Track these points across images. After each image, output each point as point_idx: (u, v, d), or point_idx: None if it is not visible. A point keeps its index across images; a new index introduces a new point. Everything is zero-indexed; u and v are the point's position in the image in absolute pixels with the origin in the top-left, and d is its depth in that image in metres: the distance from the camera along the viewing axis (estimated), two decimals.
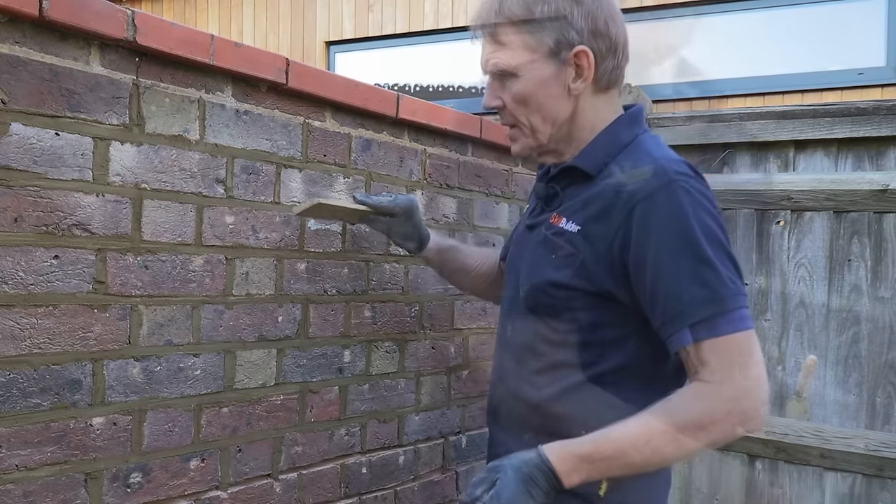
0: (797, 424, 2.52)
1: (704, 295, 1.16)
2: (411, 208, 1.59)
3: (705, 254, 1.17)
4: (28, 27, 1.15)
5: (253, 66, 1.44)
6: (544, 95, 1.30)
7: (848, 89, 4.52)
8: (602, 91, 1.34)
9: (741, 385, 1.14)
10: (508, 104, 1.33)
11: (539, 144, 1.36)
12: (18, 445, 1.15)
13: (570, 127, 1.34)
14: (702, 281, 1.16)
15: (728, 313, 1.16)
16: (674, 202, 1.19)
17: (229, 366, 1.45)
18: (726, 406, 1.14)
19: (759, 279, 2.63)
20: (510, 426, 1.39)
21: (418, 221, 1.62)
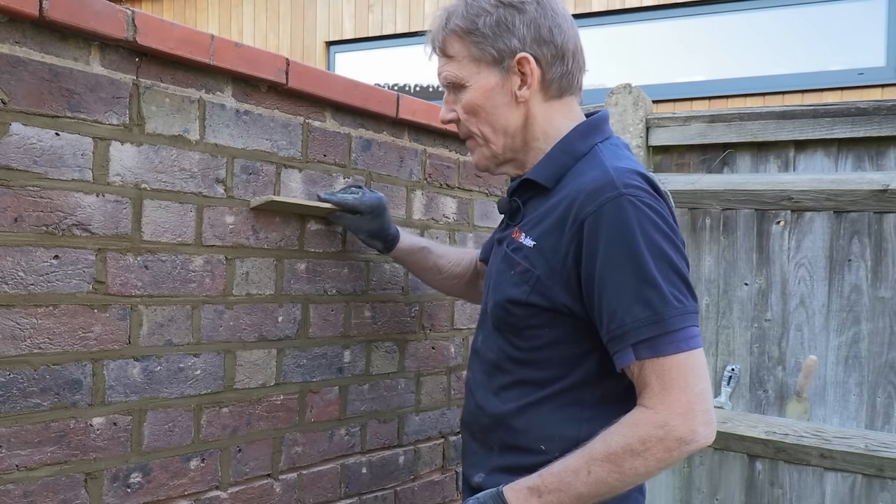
0: (797, 424, 2.52)
1: (647, 315, 1.14)
2: (379, 206, 1.56)
3: (649, 272, 1.15)
4: (28, 27, 1.15)
5: (253, 66, 1.44)
6: (492, 105, 1.32)
7: (848, 89, 4.52)
8: (554, 98, 1.34)
9: (675, 409, 1.13)
10: (461, 116, 1.35)
11: (494, 154, 1.37)
12: (18, 445, 1.15)
13: (523, 136, 1.34)
14: (644, 301, 1.15)
15: (671, 334, 1.14)
16: (620, 217, 1.17)
17: (229, 366, 1.45)
18: (658, 432, 1.13)
19: (759, 279, 2.63)
20: (477, 438, 1.39)
21: (386, 220, 1.59)
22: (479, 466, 1.37)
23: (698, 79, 5.02)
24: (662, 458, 1.14)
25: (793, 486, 2.54)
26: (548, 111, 1.34)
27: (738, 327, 2.67)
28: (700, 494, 2.72)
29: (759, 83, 4.76)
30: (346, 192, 1.57)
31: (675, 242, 1.19)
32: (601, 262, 1.18)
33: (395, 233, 1.62)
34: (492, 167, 1.41)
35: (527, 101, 1.32)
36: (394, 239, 1.62)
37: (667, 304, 1.14)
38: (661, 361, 1.14)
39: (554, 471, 1.19)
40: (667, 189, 2.71)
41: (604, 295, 1.18)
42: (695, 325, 1.17)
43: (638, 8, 5.14)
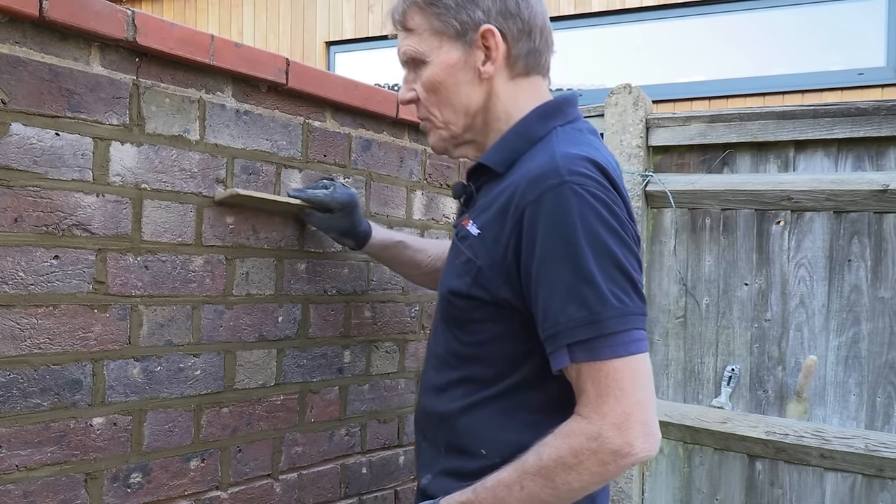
0: (797, 424, 2.52)
1: (582, 316, 1.05)
2: (350, 204, 1.49)
3: (587, 268, 1.06)
4: (28, 27, 1.15)
5: (253, 66, 1.44)
6: (454, 82, 1.23)
7: (848, 89, 4.52)
8: (520, 76, 1.25)
9: (610, 419, 1.04)
10: (421, 95, 1.27)
11: (453, 136, 1.28)
12: (18, 445, 1.15)
13: (485, 116, 1.26)
14: (580, 299, 1.06)
15: (608, 337, 1.05)
16: (561, 206, 1.08)
17: (229, 366, 1.45)
18: (591, 444, 1.04)
19: (759, 279, 2.63)
20: (427, 437, 1.32)
21: (358, 217, 1.52)
22: (428, 468, 1.30)
23: (698, 79, 5.02)
24: (597, 472, 1.05)
25: (793, 486, 2.54)
26: (512, 91, 1.25)
27: (738, 327, 2.67)
28: (700, 494, 2.72)
29: (759, 83, 4.76)
30: (317, 187, 1.50)
31: (622, 237, 1.09)
32: (538, 256, 1.09)
33: (367, 228, 1.55)
34: (450, 149, 1.32)
35: (490, 79, 1.23)
36: (366, 235, 1.55)
37: (604, 304, 1.05)
38: (597, 366, 1.05)
39: (488, 485, 1.12)
40: (664, 187, 2.72)
41: (539, 291, 1.10)
42: (638, 327, 1.07)
43: (638, 8, 5.14)
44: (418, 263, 1.61)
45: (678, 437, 2.76)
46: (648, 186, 2.81)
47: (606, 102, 2.90)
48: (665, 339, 2.82)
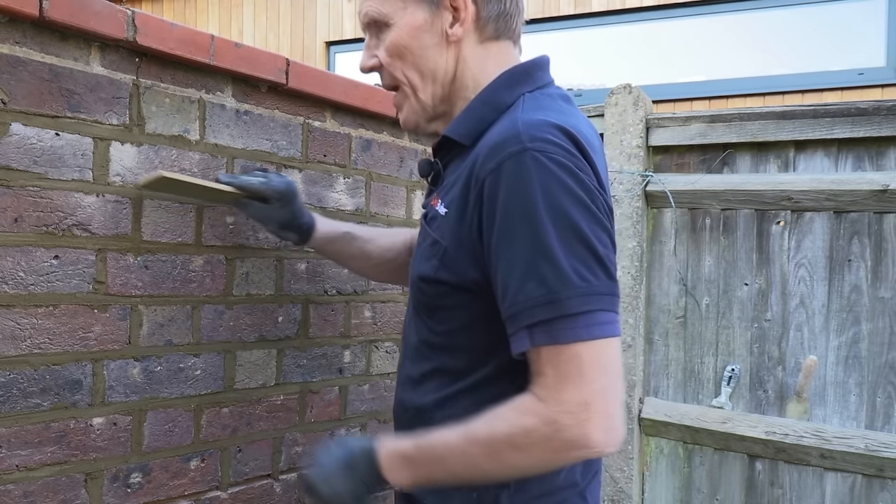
0: (797, 424, 2.52)
1: (540, 294, 0.96)
2: (288, 193, 1.38)
3: (546, 242, 0.97)
4: (28, 27, 1.15)
5: (253, 66, 1.44)
6: (419, 45, 1.15)
7: (848, 89, 4.52)
8: (490, 40, 1.17)
9: (568, 407, 0.95)
10: (384, 60, 1.18)
11: (423, 107, 1.19)
12: (18, 445, 1.15)
13: (453, 84, 1.17)
14: (538, 276, 0.97)
15: (570, 318, 0.96)
16: (520, 175, 0.99)
17: (229, 366, 1.45)
18: (546, 429, 0.96)
19: (759, 279, 2.63)
20: (403, 430, 1.23)
21: (297, 208, 1.40)
22: None
23: (698, 79, 5.02)
24: (548, 458, 0.99)
25: (793, 486, 2.54)
26: (482, 55, 1.17)
27: (738, 327, 2.67)
28: (700, 494, 2.72)
29: (759, 83, 4.76)
30: (252, 176, 1.38)
31: (589, 208, 0.99)
32: (497, 230, 1.01)
33: (310, 220, 1.43)
34: (422, 123, 1.22)
35: (459, 42, 1.15)
36: (309, 228, 1.43)
37: (564, 282, 0.96)
38: (557, 350, 0.96)
39: (431, 442, 1.06)
40: (664, 187, 2.72)
41: (499, 268, 1.01)
42: (605, 308, 0.97)
43: (638, 8, 5.15)
44: (368, 255, 1.49)
45: (678, 437, 2.76)
46: (648, 186, 2.81)
47: (606, 102, 2.90)
48: (665, 339, 2.82)
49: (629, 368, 2.80)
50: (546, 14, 5.41)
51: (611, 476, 2.82)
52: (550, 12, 5.40)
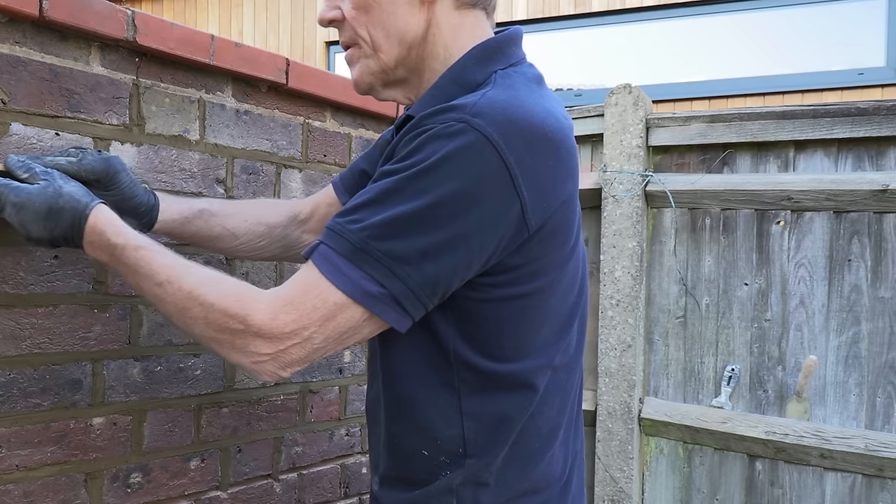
0: (797, 424, 2.52)
1: (334, 222, 0.93)
2: (108, 171, 1.14)
3: (382, 191, 0.91)
4: (28, 27, 1.15)
5: (253, 66, 1.44)
6: (389, 1, 1.04)
7: (848, 89, 4.53)
8: (466, 7, 1.07)
9: (273, 325, 0.91)
10: (348, 14, 1.06)
11: (382, 69, 1.07)
12: (18, 445, 1.15)
13: (420, 51, 1.06)
14: (368, 219, 0.91)
15: (355, 268, 0.91)
16: (438, 136, 0.91)
17: (229, 366, 1.45)
18: (237, 326, 0.92)
19: (759, 279, 2.63)
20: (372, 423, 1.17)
21: (128, 188, 1.17)
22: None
23: (698, 79, 5.02)
24: (218, 342, 0.96)
25: (793, 486, 2.54)
26: (456, 23, 1.06)
27: (738, 327, 2.67)
28: (700, 494, 2.72)
29: (759, 83, 4.76)
30: (59, 155, 1.13)
31: (466, 217, 0.90)
32: (381, 169, 0.95)
33: (151, 202, 1.22)
34: (377, 86, 1.11)
35: (433, 3, 1.04)
36: (150, 209, 1.22)
37: (359, 224, 0.91)
38: (317, 278, 0.92)
39: (140, 252, 1.00)
40: (664, 187, 2.72)
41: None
42: (362, 268, 0.90)
43: (638, 8, 5.15)
44: (235, 233, 1.31)
45: (678, 437, 2.76)
46: (648, 186, 2.81)
47: (606, 102, 2.90)
48: (665, 339, 2.82)
49: (629, 368, 2.81)
50: (546, 14, 5.42)
51: (611, 476, 2.82)
52: (550, 12, 5.40)
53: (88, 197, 1.04)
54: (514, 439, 1.03)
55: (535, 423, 1.04)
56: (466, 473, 1.02)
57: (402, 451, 1.07)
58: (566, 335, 1.07)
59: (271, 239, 1.35)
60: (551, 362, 1.05)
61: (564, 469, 1.11)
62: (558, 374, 1.07)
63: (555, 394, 1.07)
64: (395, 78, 1.09)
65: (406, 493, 1.06)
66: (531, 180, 0.93)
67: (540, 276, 0.99)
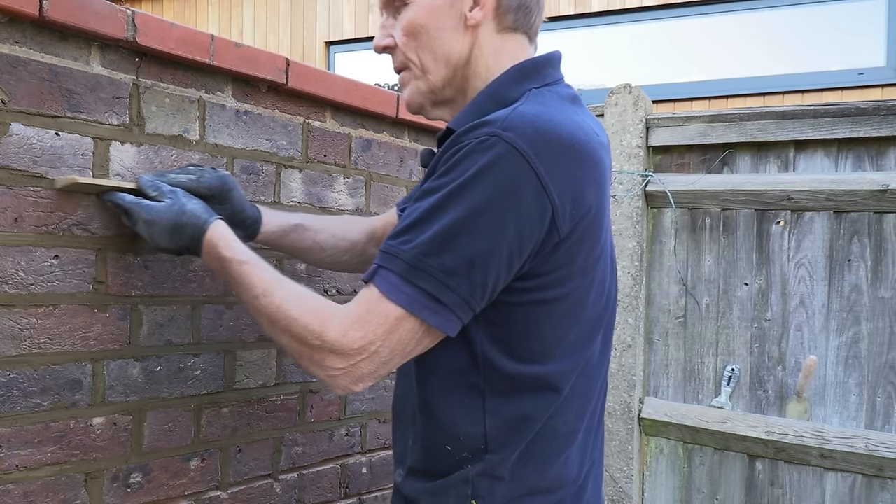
0: (797, 424, 2.52)
1: (407, 250, 0.99)
2: (224, 188, 1.29)
3: (443, 222, 0.98)
4: (28, 27, 1.15)
5: (253, 66, 1.44)
6: (436, 26, 1.13)
7: (848, 89, 4.53)
8: (508, 31, 1.15)
9: (344, 342, 1.00)
10: (399, 40, 1.16)
11: (431, 89, 1.16)
12: (18, 445, 1.15)
13: (465, 72, 1.15)
14: (417, 237, 0.99)
15: (411, 286, 0.99)
16: (474, 151, 0.98)
17: (229, 366, 1.45)
18: (315, 341, 1.01)
19: (759, 279, 2.63)
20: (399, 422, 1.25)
21: (238, 203, 1.32)
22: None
23: (698, 79, 5.02)
24: (301, 356, 1.05)
25: (793, 486, 2.54)
26: (498, 46, 1.15)
27: (738, 327, 2.67)
28: (700, 494, 2.72)
29: (759, 83, 4.76)
30: (180, 173, 1.27)
31: (504, 222, 0.98)
32: (425, 187, 1.03)
33: (256, 214, 1.37)
34: (427, 106, 1.20)
35: (477, 28, 1.13)
36: (255, 222, 1.36)
37: (414, 245, 0.99)
38: (369, 290, 1.01)
39: (246, 266, 1.11)
40: (664, 187, 2.72)
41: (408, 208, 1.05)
42: (422, 286, 0.98)
43: (638, 8, 5.15)
44: (322, 246, 1.45)
45: (678, 437, 2.77)
46: (648, 186, 2.81)
47: (606, 102, 2.90)
48: (665, 339, 2.82)
49: (629, 368, 2.81)
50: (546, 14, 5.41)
51: (611, 476, 2.82)
52: (550, 12, 5.40)
53: (207, 213, 1.19)
54: (531, 438, 1.08)
55: (553, 424, 1.10)
56: (484, 466, 1.08)
57: (427, 446, 1.13)
58: (591, 343, 1.13)
59: (353, 254, 1.48)
60: (575, 367, 1.10)
61: (580, 473, 1.15)
62: (581, 379, 1.12)
63: (575, 398, 1.12)
64: (443, 98, 1.18)
65: (426, 484, 1.13)
66: (560, 187, 0.99)
67: (566, 283, 1.05)
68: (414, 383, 1.15)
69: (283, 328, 1.05)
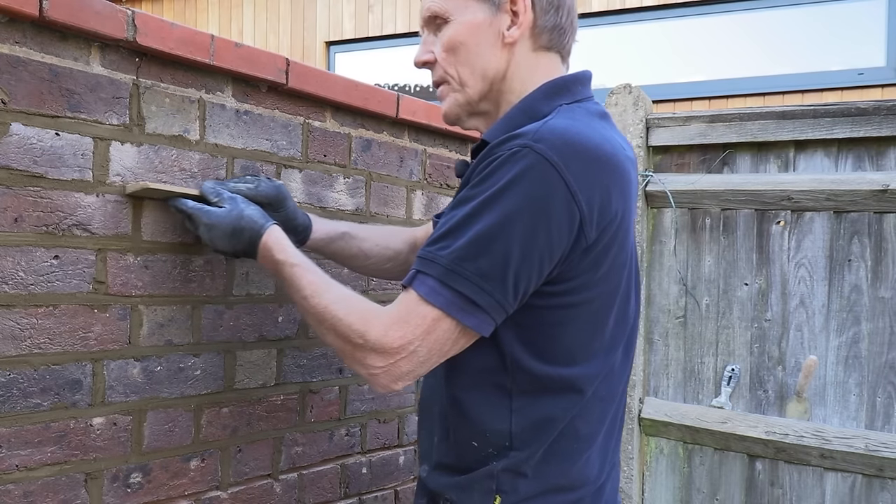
0: (797, 424, 2.52)
1: (443, 255, 1.06)
2: (279, 196, 1.39)
3: (477, 228, 1.04)
4: (28, 27, 1.15)
5: (253, 66, 1.44)
6: (475, 43, 1.20)
7: (848, 89, 4.53)
8: (542, 49, 1.23)
9: (386, 341, 1.07)
10: (439, 56, 1.23)
11: (468, 101, 1.24)
12: (18, 445, 1.15)
13: (500, 86, 1.22)
14: (442, 233, 1.07)
15: (448, 289, 1.05)
16: (506, 162, 1.05)
17: (229, 366, 1.45)
18: (358, 340, 1.09)
19: (759, 279, 2.63)
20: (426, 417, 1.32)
21: (291, 211, 1.41)
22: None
23: (698, 79, 5.02)
24: (344, 354, 1.13)
25: (793, 486, 2.54)
26: (533, 63, 1.22)
27: (738, 327, 2.67)
28: (700, 494, 2.72)
29: (759, 83, 4.76)
30: (240, 182, 1.37)
31: (536, 228, 1.04)
32: (460, 196, 1.10)
33: (307, 222, 1.45)
34: (463, 116, 1.27)
35: (513, 45, 1.20)
36: (306, 229, 1.45)
37: (440, 251, 1.06)
38: (419, 300, 1.07)
39: (298, 269, 1.19)
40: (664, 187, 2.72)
41: (443, 215, 1.13)
42: (454, 287, 1.04)
43: (638, 8, 5.15)
44: (367, 254, 1.54)
45: (678, 437, 2.76)
46: (648, 186, 2.81)
47: (606, 102, 2.90)
48: (665, 339, 2.82)
49: None
50: None
51: None
52: None
53: (264, 219, 1.27)
54: (554, 437, 1.14)
55: (576, 425, 1.16)
56: (508, 463, 1.14)
57: (455, 442, 1.19)
58: (614, 350, 1.19)
59: (396, 262, 1.56)
60: (599, 372, 1.16)
61: (601, 474, 1.23)
62: (603, 384, 1.18)
63: (597, 401, 1.18)
64: (479, 110, 1.26)
65: (452, 478, 1.19)
66: (588, 196, 1.05)
67: (592, 288, 1.11)
68: (442, 381, 1.21)
69: (330, 327, 1.13)
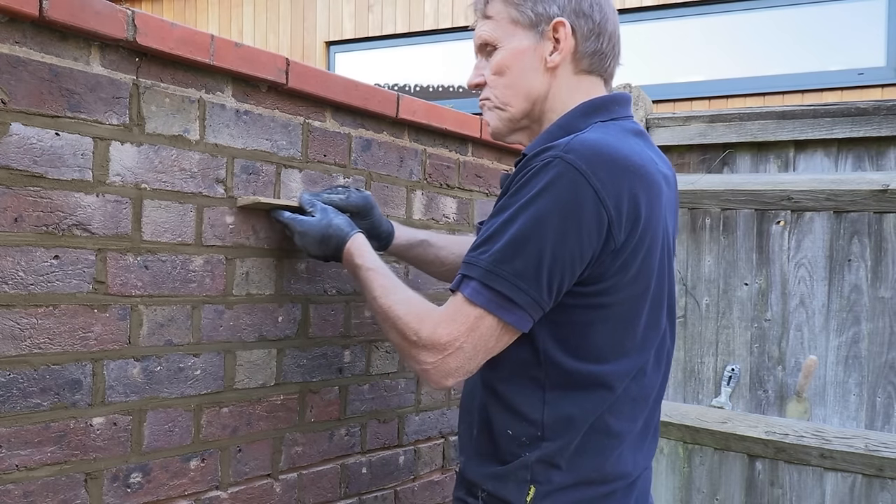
0: (797, 424, 2.52)
1: (484, 260, 1.16)
2: (367, 206, 1.54)
3: (513, 231, 1.14)
4: (28, 27, 1.15)
5: (253, 66, 1.44)
6: (520, 66, 1.31)
7: (848, 89, 4.53)
8: (583, 73, 1.32)
9: (436, 337, 1.17)
10: (488, 78, 1.34)
11: (511, 119, 1.35)
12: (18, 445, 1.15)
13: (542, 106, 1.33)
14: (483, 239, 1.17)
15: (490, 290, 1.15)
16: (539, 172, 1.15)
17: (229, 366, 1.45)
18: (413, 337, 1.20)
19: (759, 279, 2.63)
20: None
21: (377, 219, 1.57)
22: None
23: (698, 79, 5.02)
24: (401, 349, 1.24)
25: (793, 486, 2.54)
26: (573, 85, 1.32)
27: (738, 327, 2.67)
28: (700, 494, 2.72)
29: (759, 83, 4.76)
30: (332, 193, 1.52)
31: (566, 233, 1.13)
32: (499, 204, 1.21)
33: (390, 229, 1.60)
34: (504, 132, 1.38)
35: (555, 69, 1.30)
36: (389, 235, 1.60)
37: (481, 255, 1.16)
38: (464, 301, 1.17)
39: (372, 273, 1.33)
40: None
41: (486, 222, 1.23)
42: (495, 288, 1.14)
43: (638, 8, 5.15)
44: (443, 261, 1.67)
45: (678, 437, 2.76)
46: None
47: None
48: None
49: None
50: None
51: None
52: None
53: (350, 227, 1.42)
54: (585, 431, 1.22)
55: (606, 420, 1.23)
56: (541, 454, 1.23)
57: (492, 431, 1.28)
58: (644, 351, 1.25)
59: None
60: (629, 371, 1.24)
61: (633, 471, 1.28)
62: (634, 384, 1.25)
63: (627, 400, 1.25)
64: (520, 126, 1.36)
65: (490, 468, 1.28)
66: (615, 201, 1.13)
67: (621, 290, 1.19)
68: (482, 375, 1.29)
69: (391, 325, 1.24)
